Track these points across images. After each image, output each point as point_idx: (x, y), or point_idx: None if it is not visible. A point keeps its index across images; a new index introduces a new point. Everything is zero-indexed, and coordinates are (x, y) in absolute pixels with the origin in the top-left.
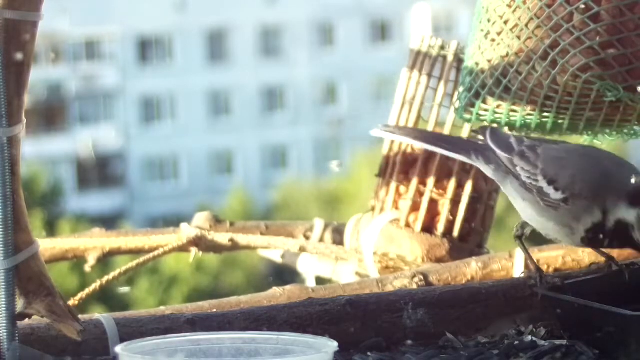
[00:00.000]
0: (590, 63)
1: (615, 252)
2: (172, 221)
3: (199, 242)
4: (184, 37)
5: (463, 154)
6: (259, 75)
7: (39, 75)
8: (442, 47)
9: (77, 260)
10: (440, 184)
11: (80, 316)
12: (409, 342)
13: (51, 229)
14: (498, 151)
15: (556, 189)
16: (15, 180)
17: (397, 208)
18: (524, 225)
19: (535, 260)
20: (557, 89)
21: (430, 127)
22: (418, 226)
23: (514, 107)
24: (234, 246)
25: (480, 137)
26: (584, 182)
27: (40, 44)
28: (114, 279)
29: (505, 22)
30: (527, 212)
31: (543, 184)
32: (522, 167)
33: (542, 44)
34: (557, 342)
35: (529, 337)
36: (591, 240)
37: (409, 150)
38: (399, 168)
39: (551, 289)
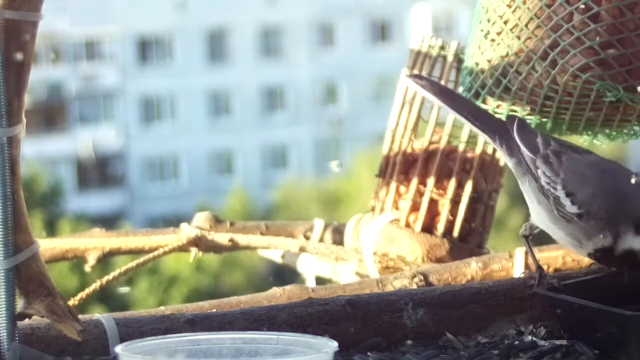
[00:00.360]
0: (590, 63)
1: None
2: (172, 221)
3: (199, 242)
4: (184, 37)
5: (488, 134)
6: (259, 75)
7: (39, 75)
8: (442, 47)
9: (77, 260)
10: (440, 184)
11: (80, 316)
12: (409, 342)
13: (51, 229)
14: (523, 148)
15: (573, 203)
16: (15, 180)
17: (397, 208)
18: (533, 226)
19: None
20: (557, 89)
21: (430, 127)
22: (418, 226)
23: (513, 107)
24: (234, 246)
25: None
26: (602, 203)
27: (40, 44)
28: (114, 279)
29: (505, 22)
30: (540, 215)
31: (561, 193)
32: (544, 171)
33: (542, 44)
34: (557, 342)
35: (529, 337)
36: (599, 259)
37: (409, 150)
38: (399, 168)
39: (549, 290)
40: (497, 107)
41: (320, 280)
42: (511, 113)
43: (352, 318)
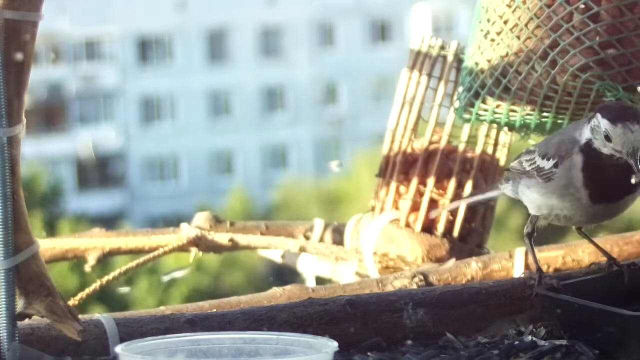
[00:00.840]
0: (590, 63)
1: (615, 252)
2: (172, 221)
3: (199, 242)
4: (184, 37)
5: (494, 189)
6: (259, 75)
7: (39, 75)
8: (442, 47)
9: (77, 260)
10: (440, 184)
11: (80, 316)
12: (409, 342)
13: (51, 229)
14: (513, 164)
15: (548, 159)
16: (15, 180)
17: (397, 208)
18: (533, 219)
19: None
20: (557, 88)
21: (430, 127)
22: (418, 226)
23: (513, 107)
24: (234, 246)
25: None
26: (567, 145)
27: (40, 44)
28: (114, 279)
29: (505, 22)
30: (533, 199)
31: (540, 161)
32: (526, 159)
33: (542, 44)
34: (557, 342)
35: (529, 337)
36: (599, 189)
37: (409, 150)
38: (399, 168)
39: (549, 290)
40: (497, 107)
41: (320, 280)
42: (511, 113)
43: (352, 318)
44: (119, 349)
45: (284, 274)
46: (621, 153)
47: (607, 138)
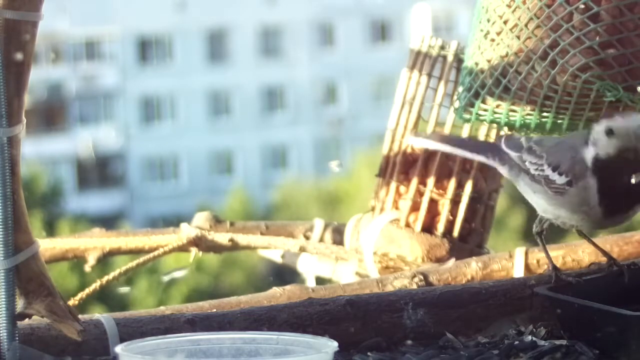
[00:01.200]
0: (590, 63)
1: (615, 252)
2: (172, 221)
3: (199, 242)
4: (184, 37)
5: (484, 156)
6: (259, 75)
7: (39, 75)
8: (442, 47)
9: (77, 260)
10: (440, 184)
11: (80, 316)
12: (409, 342)
13: (51, 229)
14: (510, 152)
15: (560, 174)
16: (15, 180)
17: (397, 208)
18: (542, 219)
19: (536, 261)
20: (557, 88)
21: (430, 127)
22: (418, 226)
23: (513, 107)
24: (234, 246)
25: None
26: (580, 163)
27: (40, 44)
28: (114, 279)
29: (505, 22)
30: (539, 204)
31: (549, 172)
32: (530, 160)
33: (542, 44)
34: (557, 342)
35: (529, 337)
36: (613, 206)
37: (409, 150)
38: (399, 168)
39: (551, 290)
40: (497, 107)
41: (320, 280)
42: (511, 113)
43: (352, 318)
44: (119, 349)
45: (284, 274)
46: (629, 141)
47: (610, 132)
